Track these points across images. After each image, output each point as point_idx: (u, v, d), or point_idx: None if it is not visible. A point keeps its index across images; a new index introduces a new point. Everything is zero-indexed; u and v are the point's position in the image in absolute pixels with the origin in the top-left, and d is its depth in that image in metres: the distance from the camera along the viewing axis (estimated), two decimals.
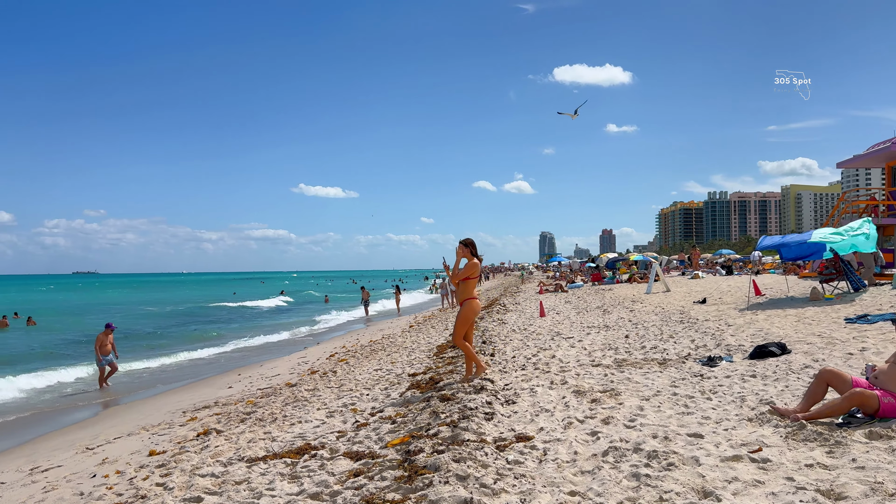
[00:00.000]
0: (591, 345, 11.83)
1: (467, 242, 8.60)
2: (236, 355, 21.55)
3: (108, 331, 16.46)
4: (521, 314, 20.78)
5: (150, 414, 11.07)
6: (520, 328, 15.85)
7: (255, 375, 14.68)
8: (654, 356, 10.01)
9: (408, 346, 15.31)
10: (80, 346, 25.24)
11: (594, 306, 21.54)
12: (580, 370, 9.11)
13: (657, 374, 8.49)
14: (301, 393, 10.02)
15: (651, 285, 26.09)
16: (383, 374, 11.00)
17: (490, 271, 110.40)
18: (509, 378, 8.78)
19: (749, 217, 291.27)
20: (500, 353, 11.49)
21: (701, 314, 15.63)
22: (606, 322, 15.88)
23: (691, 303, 19.21)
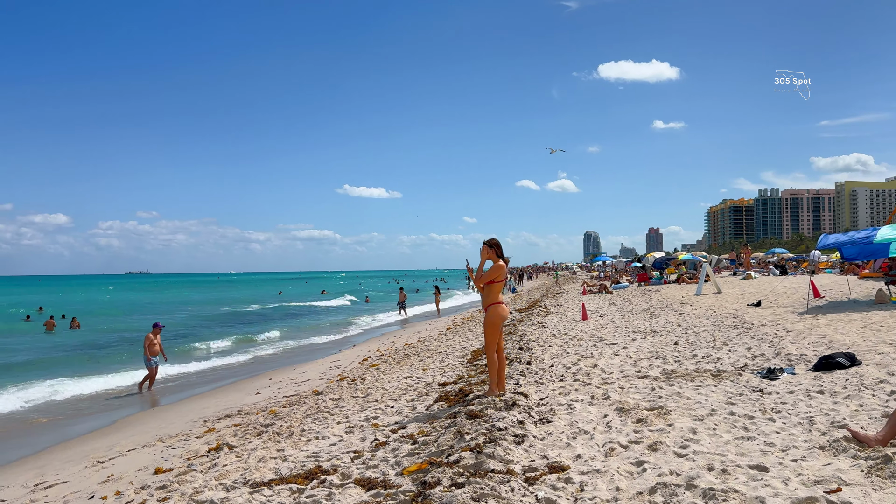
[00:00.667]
0: (637, 352, 10.99)
1: (492, 243, 7.89)
2: (274, 357, 21.22)
3: (156, 331, 16.21)
4: (562, 317, 19.94)
5: (173, 422, 10.62)
6: (560, 332, 15.05)
7: (286, 380, 14.19)
8: (707, 366, 9.14)
9: (442, 351, 14.65)
10: (119, 347, 25.26)
11: (640, 309, 20.57)
12: (624, 382, 8.32)
13: (711, 389, 7.65)
14: (325, 403, 9.43)
15: (701, 286, 24.95)
16: (412, 382, 10.35)
17: (533, 271, 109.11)
18: (545, 391, 8.03)
19: (801, 215, 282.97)
20: (537, 360, 10.74)
21: (756, 318, 14.61)
22: (653, 326, 14.97)
23: (745, 305, 18.13)
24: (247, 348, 24.44)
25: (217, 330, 33.17)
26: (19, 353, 24.22)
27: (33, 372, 18.60)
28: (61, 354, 23.81)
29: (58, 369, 18.99)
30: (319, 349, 22.49)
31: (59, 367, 19.79)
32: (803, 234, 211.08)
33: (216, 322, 39.29)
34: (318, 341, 25.75)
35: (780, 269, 36.56)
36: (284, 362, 19.56)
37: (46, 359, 22.31)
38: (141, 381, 15.74)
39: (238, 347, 24.39)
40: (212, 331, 32.79)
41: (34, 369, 19.33)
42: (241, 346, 25.09)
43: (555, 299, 30.54)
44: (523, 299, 35.59)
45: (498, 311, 7.70)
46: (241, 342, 26.75)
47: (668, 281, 35.32)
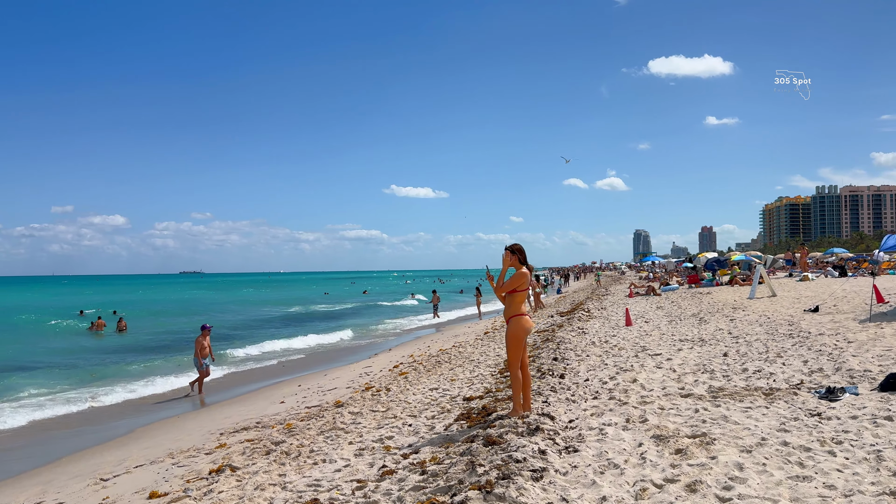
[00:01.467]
0: (682, 365, 10.16)
1: (514, 248, 7.22)
2: (311, 359, 20.89)
3: (205, 333, 16.13)
4: (605, 321, 19.06)
5: (191, 433, 10.23)
6: (601, 340, 14.24)
7: (314, 387, 13.74)
8: (758, 383, 8.29)
9: (475, 359, 13.99)
10: (164, 350, 25.31)
11: (689, 314, 19.56)
12: (665, 402, 7.54)
13: (762, 411, 6.84)
14: (343, 418, 8.88)
15: (755, 289, 23.73)
16: (437, 395, 9.73)
17: (580, 271, 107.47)
18: (576, 411, 7.32)
19: (861, 213, 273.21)
20: (572, 373, 10.00)
21: (814, 326, 13.57)
22: (702, 334, 14.04)
23: (801, 311, 17.00)
24: (284, 349, 24.25)
25: (261, 330, 33.13)
26: (67, 354, 24.50)
27: (75, 376, 18.69)
28: (108, 356, 23.95)
29: (104, 372, 19.11)
30: (358, 351, 22.07)
31: (106, 370, 19.92)
32: (863, 233, 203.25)
33: (265, 321, 39.36)
34: (356, 343, 25.39)
35: (840, 269, 34.80)
36: (319, 366, 19.20)
37: (92, 362, 22.43)
38: (192, 381, 15.80)
39: (273, 350, 24.16)
40: (258, 331, 32.74)
41: (77, 373, 19.46)
42: (277, 348, 24.85)
43: (599, 302, 29.57)
44: (567, 301, 34.67)
45: (521, 323, 7.03)
46: (279, 343, 26.56)
47: (720, 283, 33.96)
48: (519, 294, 7.11)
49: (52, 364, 21.59)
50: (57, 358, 23.32)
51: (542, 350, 13.28)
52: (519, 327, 7.02)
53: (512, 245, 7.27)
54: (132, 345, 27.59)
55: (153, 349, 25.71)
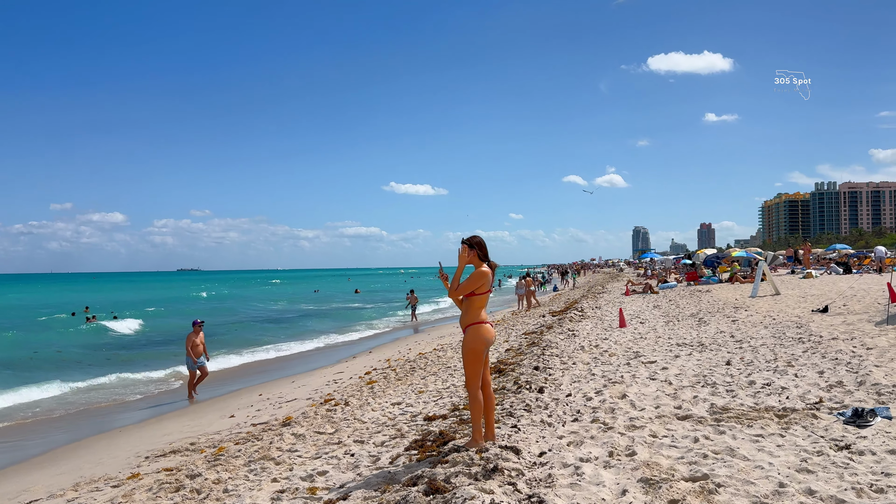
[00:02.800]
0: (679, 376, 8.88)
1: (473, 242, 5.94)
2: (285, 361, 19.62)
3: (197, 329, 14.85)
4: (598, 322, 17.78)
5: (118, 453, 8.95)
6: (590, 344, 12.95)
7: (274, 397, 12.46)
8: (769, 401, 7.01)
9: (451, 366, 12.70)
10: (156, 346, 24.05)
11: (687, 314, 18.28)
12: (658, 426, 6.26)
13: (776, 441, 5.56)
14: (283, 442, 7.58)
15: (757, 287, 22.46)
16: (398, 413, 8.44)
17: (579, 268, 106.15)
18: (551, 439, 6.03)
19: (860, 209, 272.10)
20: (553, 385, 8.71)
21: (825, 329, 12.29)
22: (701, 338, 12.76)
23: (809, 311, 15.73)
24: (260, 350, 23.03)
25: (238, 331, 31.85)
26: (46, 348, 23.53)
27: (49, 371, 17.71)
28: (89, 352, 22.76)
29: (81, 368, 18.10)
30: (337, 351, 20.79)
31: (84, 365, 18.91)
32: (862, 230, 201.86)
33: (241, 321, 38.09)
34: (339, 341, 24.14)
35: (844, 266, 33.56)
36: (292, 369, 17.97)
37: (67, 358, 21.34)
38: (189, 384, 14.51)
39: (247, 352, 22.90)
40: (232, 331, 31.46)
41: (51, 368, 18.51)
42: (251, 350, 23.58)
43: (594, 300, 28.30)
44: (562, 300, 33.41)
45: (481, 333, 5.74)
46: (261, 343, 25.28)
47: (721, 280, 32.67)
48: (478, 298, 5.83)
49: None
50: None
51: (525, 356, 12.00)
52: (478, 338, 5.73)
53: (470, 238, 5.98)
54: (122, 341, 26.31)
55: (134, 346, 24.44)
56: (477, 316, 5.81)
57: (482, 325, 5.79)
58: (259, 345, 25.14)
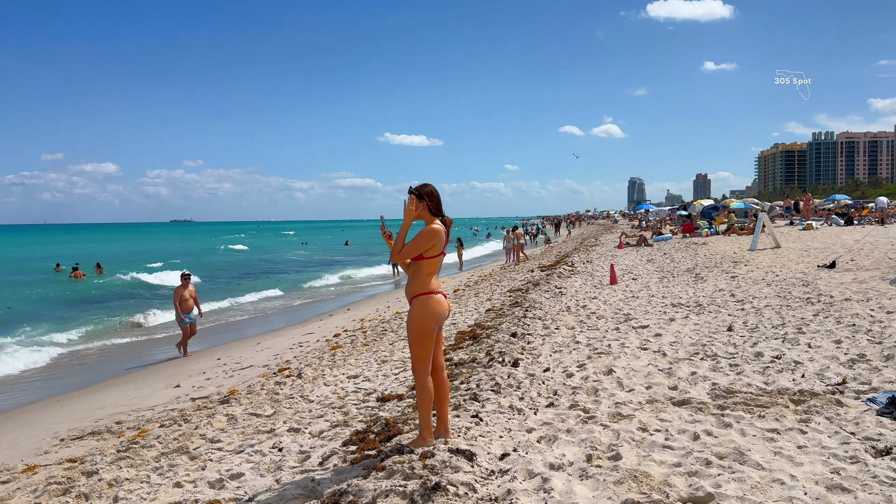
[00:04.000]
0: (675, 344, 7.79)
1: (423, 192, 4.75)
2: (260, 317, 18.55)
3: (185, 282, 13.76)
4: (588, 279, 16.67)
5: (32, 434, 7.84)
6: (577, 304, 11.85)
7: (231, 363, 11.38)
8: (782, 380, 5.91)
9: None
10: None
11: (683, 268, 17.17)
12: (649, 415, 5.17)
13: (795, 439, 4.47)
14: (209, 427, 6.48)
15: (756, 239, 21.34)
16: (351, 389, 7.34)
17: (574, 220, 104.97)
18: (518, 433, 4.92)
19: (857, 159, 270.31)
20: (530, 357, 7.60)
21: (835, 287, 11.19)
22: (699, 297, 11.66)
23: (814, 266, 14.63)
24: (235, 304, 22.00)
25: (221, 283, 30.76)
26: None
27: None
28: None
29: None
30: (320, 305, 19.70)
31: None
32: (859, 180, 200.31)
33: (225, 273, 36.98)
34: (322, 295, 23.06)
35: (845, 218, 32.44)
36: (264, 326, 16.95)
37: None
38: (182, 343, 13.43)
39: (223, 307, 21.84)
40: (214, 284, 30.36)
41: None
42: (227, 304, 22.52)
43: (586, 254, 27.18)
44: (553, 253, 32.30)
45: (429, 306, 4.58)
46: (230, 298, 24.21)
47: (710, 233, 31.53)
48: (428, 263, 4.65)
49: None
50: None
51: (505, 318, 10.90)
52: (427, 312, 4.57)
53: (419, 187, 4.78)
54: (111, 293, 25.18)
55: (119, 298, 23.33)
56: (426, 284, 4.64)
57: (432, 295, 4.63)
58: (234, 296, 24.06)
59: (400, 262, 4.71)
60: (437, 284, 4.72)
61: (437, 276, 4.73)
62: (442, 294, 4.72)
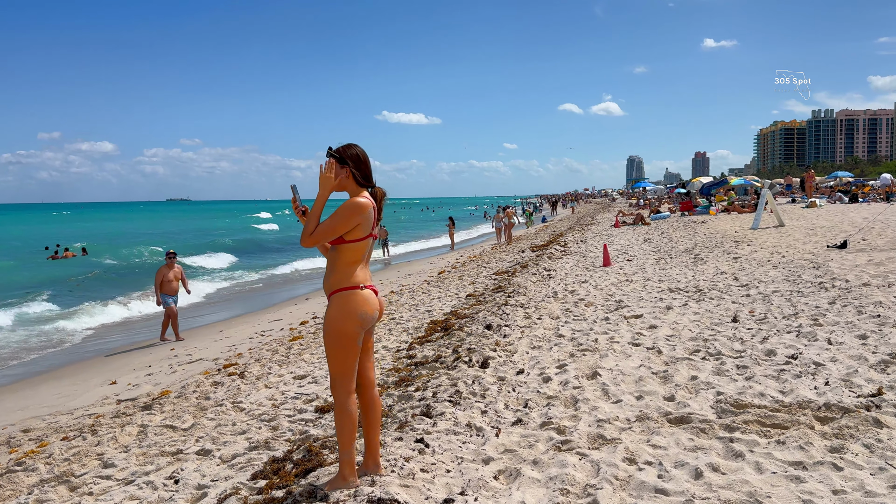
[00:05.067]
0: (672, 339, 6.72)
1: (347, 154, 3.63)
2: (237, 298, 17.49)
3: (170, 262, 12.64)
4: (580, 260, 15.59)
5: None
6: (565, 289, 10.77)
7: (182, 355, 10.34)
8: (801, 388, 4.84)
9: (398, 316, 10.51)
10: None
11: (682, 249, 16.09)
12: (638, 441, 4.11)
13: (830, 478, 3.41)
14: (111, 445, 5.41)
15: (759, 217, 20.22)
16: (290, 395, 6.26)
17: (573, 198, 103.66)
18: (470, 467, 3.85)
19: (857, 137, 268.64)
20: (504, 354, 6.53)
21: (850, 270, 10.11)
22: (698, 281, 10.59)
23: (823, 246, 13.55)
24: (216, 288, 20.95)
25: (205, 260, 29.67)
26: None
27: None
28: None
29: None
30: (289, 287, 18.63)
31: None
32: (858, 158, 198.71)
33: (208, 251, 35.86)
34: (295, 278, 21.99)
35: (849, 195, 31.31)
36: (235, 309, 15.90)
37: None
38: (164, 326, 12.37)
39: (205, 288, 20.76)
40: (201, 262, 29.26)
41: None
42: (210, 288, 21.44)
43: (581, 233, 26.09)
44: (546, 232, 31.19)
45: (352, 305, 3.51)
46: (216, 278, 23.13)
47: (716, 210, 30.40)
48: (351, 248, 3.55)
49: None
50: None
51: (483, 306, 9.83)
52: (348, 313, 3.49)
53: (342, 148, 3.67)
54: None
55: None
56: (349, 276, 3.55)
57: (356, 291, 3.54)
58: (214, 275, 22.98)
59: (315, 246, 3.61)
60: (366, 276, 3.63)
61: (364, 266, 3.64)
62: (371, 289, 3.63)
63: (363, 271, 3.62)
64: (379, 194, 3.74)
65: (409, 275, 19.49)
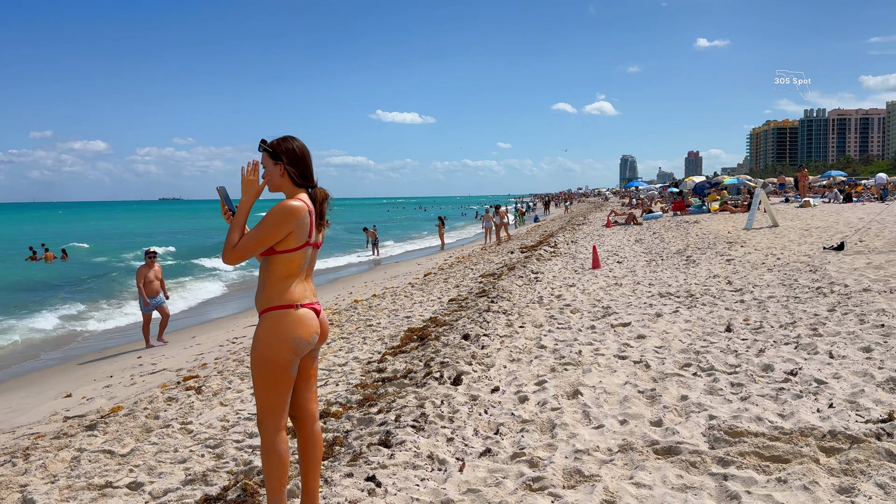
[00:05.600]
0: (661, 351, 6.24)
1: (282, 148, 3.13)
2: (220, 302, 16.93)
3: (150, 261, 12.00)
4: (569, 261, 15.11)
5: None
6: (552, 294, 10.28)
7: (147, 364, 9.80)
8: (803, 411, 4.35)
9: (377, 323, 9.97)
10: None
11: (673, 250, 15.63)
12: (620, 476, 3.61)
13: None
14: (49, 466, 4.89)
15: (752, 218, 19.79)
16: (243, 417, 5.74)
17: (567, 197, 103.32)
18: None
19: (849, 136, 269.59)
20: (479, 368, 6.02)
21: (848, 274, 9.65)
22: (690, 285, 10.12)
23: (819, 248, 13.10)
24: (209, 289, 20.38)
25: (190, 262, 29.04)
26: None
27: None
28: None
29: None
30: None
31: None
32: (850, 157, 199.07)
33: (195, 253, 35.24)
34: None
35: (844, 194, 30.95)
36: (216, 313, 15.33)
37: None
38: (144, 328, 11.81)
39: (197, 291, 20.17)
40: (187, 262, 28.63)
41: None
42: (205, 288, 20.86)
43: (572, 233, 25.64)
44: (538, 232, 30.71)
45: (285, 325, 3.02)
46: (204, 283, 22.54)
47: (719, 207, 29.97)
48: (284, 259, 3.04)
49: None
50: None
51: (464, 312, 9.34)
52: (279, 336, 2.99)
53: (277, 141, 3.16)
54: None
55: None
56: (282, 293, 3.04)
57: (289, 311, 3.03)
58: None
59: (241, 261, 3.09)
60: (304, 293, 3.12)
61: (303, 280, 3.13)
62: (311, 307, 3.12)
63: (301, 286, 3.11)
64: (319, 195, 3.22)
65: (396, 276, 18.98)
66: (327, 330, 3.25)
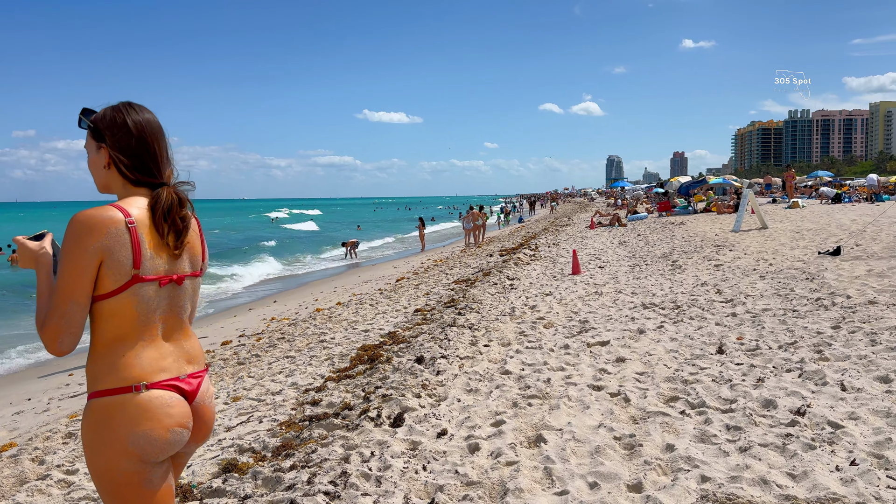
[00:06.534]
0: (643, 378, 5.33)
1: (105, 124, 2.07)
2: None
3: None
4: (549, 266, 14.21)
5: None
6: (525, 304, 9.36)
7: (74, 383, 8.79)
8: (816, 467, 3.44)
9: (329, 338, 9.00)
10: None
11: (658, 254, 14.76)
12: None
13: None
14: None
15: (741, 219, 18.95)
16: None
17: (554, 197, 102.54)
18: None
19: (832, 137, 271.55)
20: (427, 402, 5.08)
21: (850, 283, 8.78)
22: (676, 294, 9.24)
23: (813, 252, 12.26)
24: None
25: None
26: None
27: None
28: None
29: None
30: (249, 295, 17.06)
31: None
32: (834, 158, 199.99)
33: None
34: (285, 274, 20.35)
35: (834, 195, 30.27)
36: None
37: None
38: None
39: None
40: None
41: None
42: None
43: (554, 235, 24.76)
44: (520, 234, 29.81)
45: (119, 422, 1.92)
46: None
47: (695, 210, 29.19)
48: (107, 307, 1.96)
49: None
50: None
51: (426, 327, 8.39)
52: (110, 440, 1.92)
53: (103, 113, 2.15)
54: None
55: None
56: (113, 365, 1.96)
57: (126, 397, 1.94)
58: None
59: (63, 337, 2.02)
60: (159, 362, 2.01)
61: (154, 341, 2.02)
62: (168, 385, 2.02)
63: (151, 352, 2.00)
64: (165, 199, 2.08)
65: (368, 281, 18.01)
66: (210, 417, 2.15)
